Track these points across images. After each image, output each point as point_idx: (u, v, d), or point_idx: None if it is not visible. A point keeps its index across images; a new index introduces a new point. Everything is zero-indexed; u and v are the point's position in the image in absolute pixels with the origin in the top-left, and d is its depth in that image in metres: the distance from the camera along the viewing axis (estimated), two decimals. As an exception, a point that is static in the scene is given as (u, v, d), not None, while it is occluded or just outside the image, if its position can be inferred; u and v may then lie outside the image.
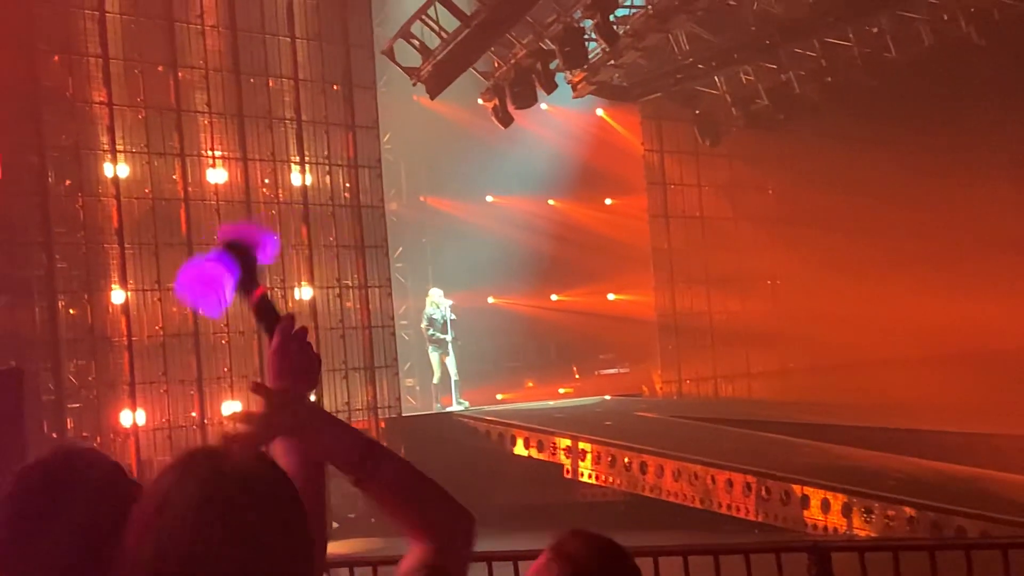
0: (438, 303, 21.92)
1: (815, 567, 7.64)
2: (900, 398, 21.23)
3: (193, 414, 19.05)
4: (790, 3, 21.46)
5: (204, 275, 3.05)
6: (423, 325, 22.24)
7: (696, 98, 24.46)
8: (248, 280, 3.07)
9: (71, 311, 18.13)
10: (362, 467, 2.85)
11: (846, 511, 14.91)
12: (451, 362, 21.91)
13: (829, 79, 22.31)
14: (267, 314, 3.10)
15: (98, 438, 17.64)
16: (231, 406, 19.23)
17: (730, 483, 16.43)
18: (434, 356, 22.02)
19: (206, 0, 19.81)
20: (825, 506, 15.13)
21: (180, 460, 2.54)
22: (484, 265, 24.13)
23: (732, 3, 21.19)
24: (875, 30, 21.58)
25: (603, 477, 18.45)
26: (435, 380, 22.19)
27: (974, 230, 23.75)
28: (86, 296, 18.22)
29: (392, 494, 2.90)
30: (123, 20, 18.78)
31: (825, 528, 15.01)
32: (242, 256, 3.06)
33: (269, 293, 3.13)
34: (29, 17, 17.44)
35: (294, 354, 3.02)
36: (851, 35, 21.64)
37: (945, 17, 20.62)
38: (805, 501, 15.42)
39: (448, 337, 21.84)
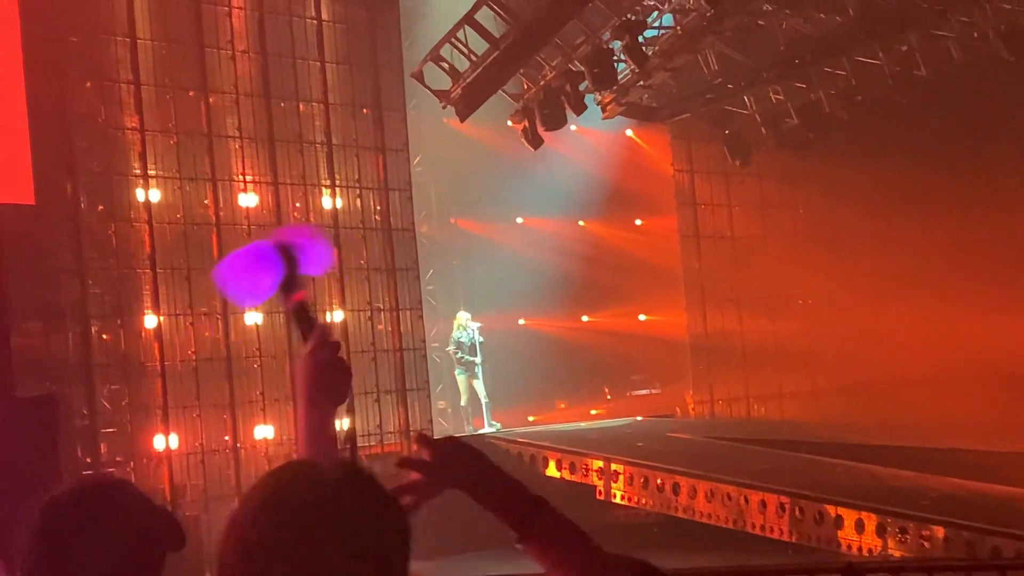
0: (465, 325, 22.03)
1: (850, 588, 7.65)
2: (934, 417, 21.16)
3: (226, 438, 19.12)
4: (819, 22, 21.49)
5: (247, 264, 3.06)
6: (450, 348, 22.34)
7: (726, 118, 24.46)
8: (291, 283, 3.07)
9: (104, 336, 18.25)
10: (526, 522, 2.79)
11: (880, 531, 14.87)
12: (479, 385, 21.99)
13: (859, 98, 22.27)
14: (303, 320, 3.10)
15: (131, 463, 17.78)
16: (263, 430, 19.37)
17: (763, 504, 16.41)
18: (461, 379, 22.15)
19: (236, 25, 19.96)
20: (859, 526, 15.08)
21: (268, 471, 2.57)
22: (515, 287, 24.18)
23: (761, 23, 21.23)
24: (904, 48, 21.52)
25: (636, 498, 18.43)
26: (463, 402, 22.28)
27: (1007, 248, 23.67)
28: (119, 321, 18.35)
29: (554, 552, 2.82)
30: (154, 46, 18.95)
31: (860, 549, 14.96)
32: (289, 258, 3.06)
33: (309, 300, 3.14)
34: (61, 44, 17.66)
35: (324, 363, 3.01)
36: (880, 53, 21.62)
37: (975, 35, 20.62)
38: (839, 521, 15.38)
39: (477, 359, 21.94)
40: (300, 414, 3.05)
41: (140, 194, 18.74)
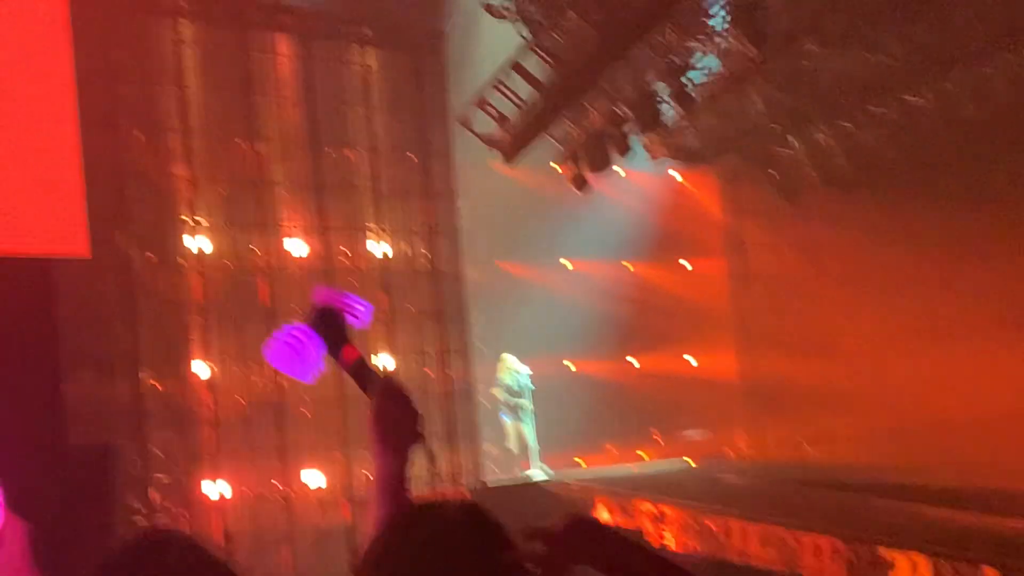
0: (512, 369, 22.15)
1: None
2: (988, 457, 21.01)
3: (277, 485, 19.30)
4: (864, 62, 21.47)
5: (292, 345, 3.17)
6: (496, 391, 22.40)
7: (772, 159, 24.47)
8: (337, 345, 3.20)
9: (155, 384, 18.47)
10: None
11: (935, 574, 14.81)
12: (527, 429, 22.01)
13: (906, 137, 22.21)
14: (362, 377, 3.21)
15: (184, 510, 17.97)
16: (314, 476, 19.52)
17: (817, 547, 16.38)
18: (507, 422, 22.18)
19: (283, 73, 20.26)
20: (913, 569, 15.03)
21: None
22: (561, 330, 24.25)
23: (806, 63, 21.27)
24: (950, 87, 21.47)
25: (686, 542, 18.42)
26: (510, 446, 22.30)
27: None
28: (170, 369, 18.61)
29: None
30: (202, 95, 19.25)
31: (914, 592, 14.89)
32: (329, 324, 3.18)
33: (364, 357, 3.23)
34: (113, 95, 18.00)
35: (393, 415, 3.12)
36: (928, 93, 21.56)
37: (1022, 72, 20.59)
38: (892, 565, 15.34)
39: (525, 402, 22.01)
40: (375, 464, 3.16)
41: (190, 242, 19.03)
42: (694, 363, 26.78)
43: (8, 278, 14.40)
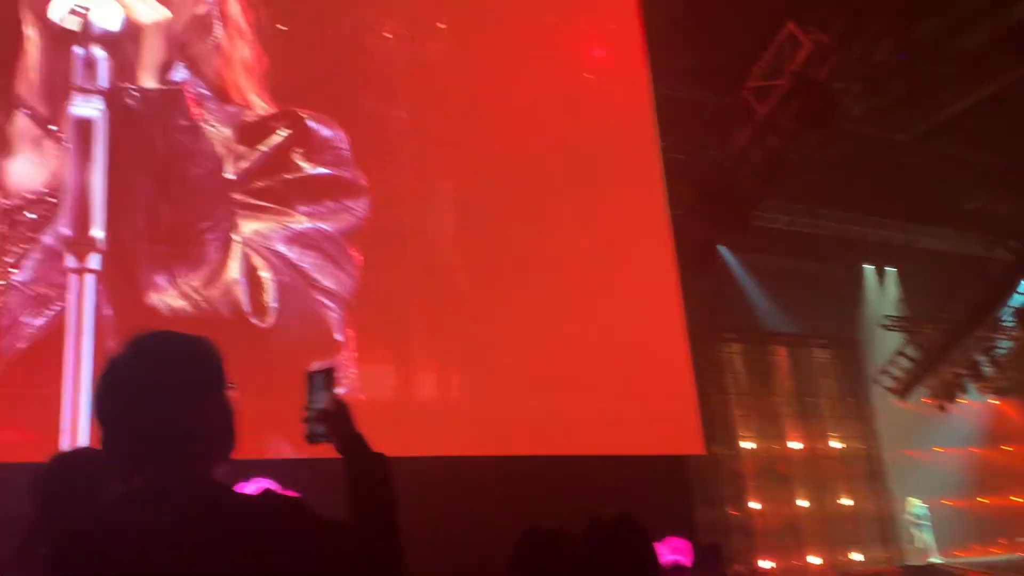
0: (916, 504, 22.48)
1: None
2: None
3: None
4: None
5: None
6: (909, 516, 22.51)
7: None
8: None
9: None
10: None
11: None
12: (927, 536, 22.28)
13: None
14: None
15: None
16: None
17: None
18: (916, 533, 22.35)
19: (781, 365, 22.25)
20: None
21: None
22: (939, 483, 23.87)
23: None
24: None
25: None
26: (918, 545, 22.26)
27: None
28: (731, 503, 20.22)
29: None
30: (748, 396, 21.11)
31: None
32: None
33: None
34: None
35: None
36: None
37: None
38: None
39: (925, 522, 22.27)
40: None
41: (744, 444, 20.76)
42: (1021, 500, 25.48)
43: (664, 461, 12.75)
